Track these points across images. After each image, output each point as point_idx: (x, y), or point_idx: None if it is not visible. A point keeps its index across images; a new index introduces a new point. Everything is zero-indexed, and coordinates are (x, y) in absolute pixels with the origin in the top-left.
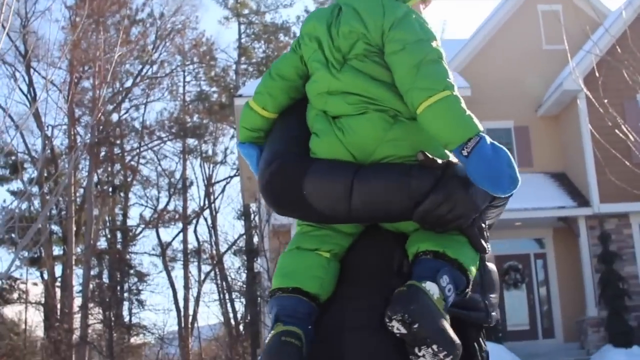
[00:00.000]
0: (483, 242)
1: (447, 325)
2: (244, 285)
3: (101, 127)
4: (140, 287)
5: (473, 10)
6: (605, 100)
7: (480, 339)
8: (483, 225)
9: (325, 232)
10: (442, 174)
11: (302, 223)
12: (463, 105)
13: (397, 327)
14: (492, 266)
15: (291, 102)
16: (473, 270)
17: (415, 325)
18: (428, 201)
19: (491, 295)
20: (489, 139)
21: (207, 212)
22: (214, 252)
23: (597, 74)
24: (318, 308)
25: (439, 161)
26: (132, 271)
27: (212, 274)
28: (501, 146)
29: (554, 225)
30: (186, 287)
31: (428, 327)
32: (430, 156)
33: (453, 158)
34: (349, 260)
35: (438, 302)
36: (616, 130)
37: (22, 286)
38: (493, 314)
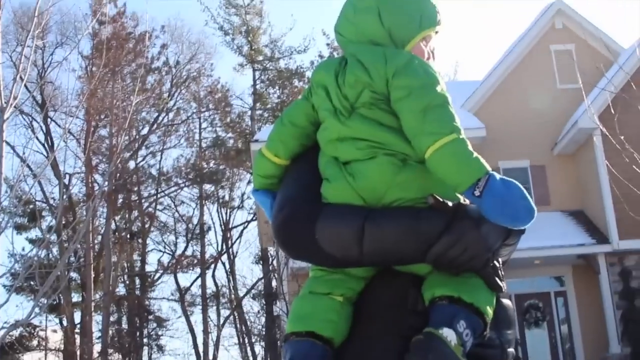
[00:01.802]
0: (498, 280)
1: None
2: (264, 329)
3: (118, 175)
4: (160, 333)
5: (485, 51)
6: (622, 137)
7: None
8: (497, 264)
9: (338, 276)
10: (452, 216)
11: (315, 268)
12: (470, 147)
13: None
14: (506, 302)
15: (303, 148)
16: (489, 311)
17: None
18: (440, 243)
19: (507, 332)
20: (498, 175)
21: (225, 257)
22: (233, 296)
23: (612, 111)
24: (332, 351)
25: (449, 204)
26: (151, 317)
27: (231, 318)
28: (511, 180)
29: (573, 263)
30: (205, 332)
31: None
32: (440, 199)
33: (462, 199)
34: (364, 300)
35: (456, 348)
36: (634, 167)
37: (42, 333)
38: (509, 350)
